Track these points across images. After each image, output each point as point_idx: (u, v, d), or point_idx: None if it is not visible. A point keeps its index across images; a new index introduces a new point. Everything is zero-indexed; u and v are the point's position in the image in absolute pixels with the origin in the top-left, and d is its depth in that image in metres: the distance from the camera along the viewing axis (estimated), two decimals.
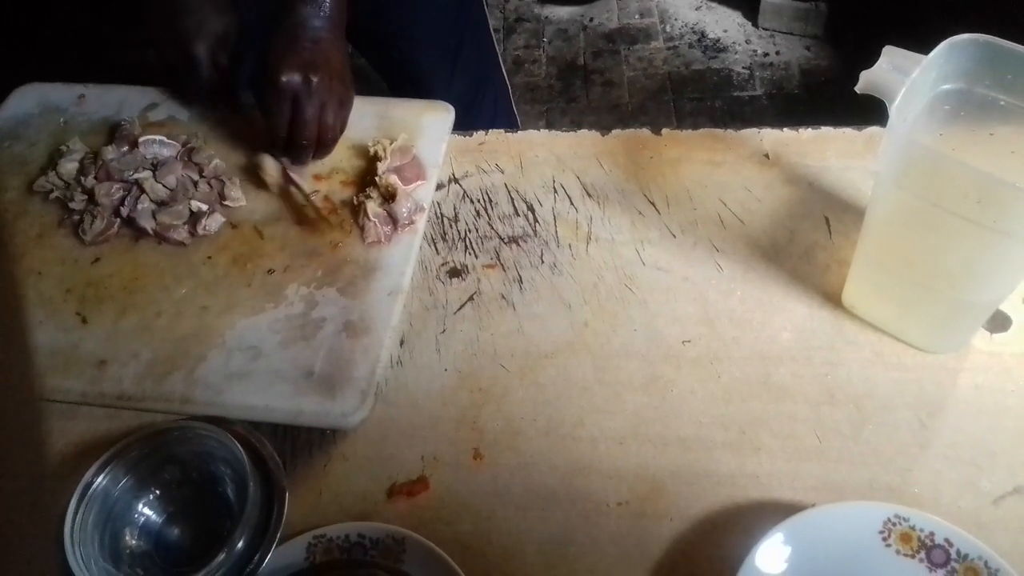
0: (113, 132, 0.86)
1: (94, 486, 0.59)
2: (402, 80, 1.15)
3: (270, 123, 0.78)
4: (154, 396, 0.67)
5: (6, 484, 0.30)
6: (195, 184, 0.81)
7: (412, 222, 0.77)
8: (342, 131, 0.82)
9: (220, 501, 0.62)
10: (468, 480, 0.63)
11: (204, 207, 0.78)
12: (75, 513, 0.57)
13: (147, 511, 0.62)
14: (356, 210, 0.77)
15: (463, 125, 0.87)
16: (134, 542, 0.60)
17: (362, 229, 0.76)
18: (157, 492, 0.62)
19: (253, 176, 0.82)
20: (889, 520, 0.56)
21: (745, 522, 0.59)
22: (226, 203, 0.79)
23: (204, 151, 0.83)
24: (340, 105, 0.80)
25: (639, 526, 0.60)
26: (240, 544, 0.56)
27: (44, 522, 0.36)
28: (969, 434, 0.62)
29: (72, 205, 0.80)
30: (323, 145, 0.80)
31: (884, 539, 0.56)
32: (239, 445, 0.59)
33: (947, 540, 0.55)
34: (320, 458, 0.65)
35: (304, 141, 0.78)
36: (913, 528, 0.56)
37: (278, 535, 0.58)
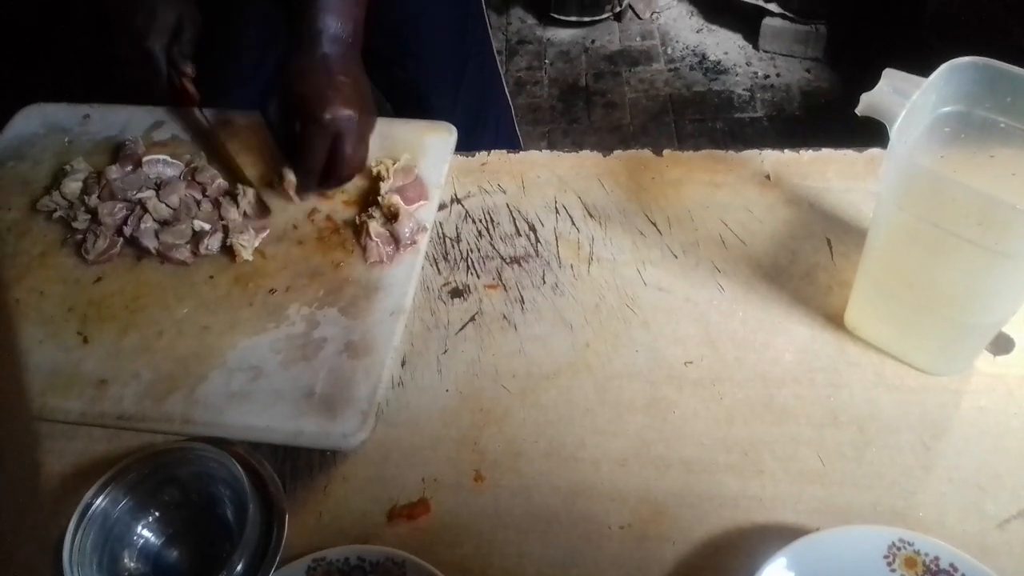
0: (117, 152, 0.87)
1: (93, 507, 0.59)
2: (406, 100, 1.16)
3: (307, 157, 0.77)
4: (154, 416, 0.67)
5: (3, 505, 0.30)
6: (198, 204, 0.81)
7: (414, 242, 0.77)
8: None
9: (219, 523, 0.61)
10: (469, 502, 0.62)
11: (207, 227, 0.78)
12: (74, 534, 0.57)
13: (146, 533, 0.61)
14: (358, 230, 0.77)
15: (466, 146, 0.88)
16: (133, 564, 0.60)
17: (364, 249, 0.76)
18: (156, 514, 0.62)
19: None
20: (894, 544, 0.55)
21: (748, 546, 0.58)
22: (234, 242, 0.78)
23: (208, 171, 0.84)
24: (368, 139, 0.80)
25: (641, 549, 0.59)
26: (239, 567, 0.56)
27: (42, 543, 0.36)
28: (973, 457, 0.62)
29: (75, 224, 0.80)
30: (350, 178, 0.81)
31: (889, 564, 0.55)
32: (239, 466, 0.59)
33: (952, 565, 0.54)
34: (320, 480, 0.64)
35: (338, 174, 0.79)
36: (918, 552, 0.55)
37: (278, 558, 0.58)
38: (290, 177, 0.81)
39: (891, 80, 0.59)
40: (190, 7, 0.86)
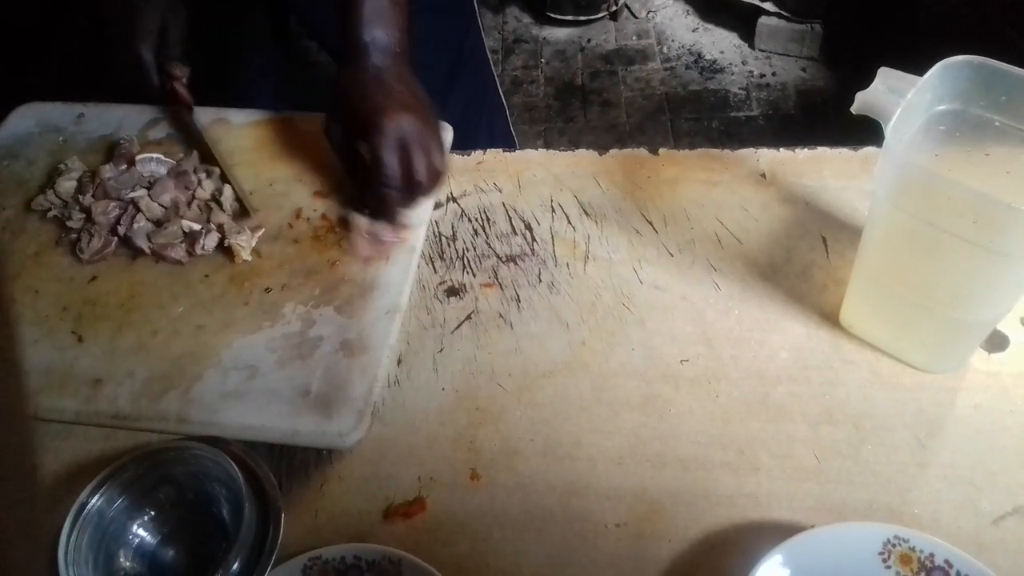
0: (112, 150, 0.87)
1: (88, 507, 0.58)
2: None
3: (381, 172, 0.72)
4: (150, 416, 0.67)
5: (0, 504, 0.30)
6: (188, 204, 0.81)
7: (402, 239, 0.76)
8: (445, 165, 0.77)
9: (215, 522, 0.61)
10: (465, 501, 0.62)
11: (196, 227, 0.78)
12: (69, 534, 0.57)
13: (141, 532, 0.61)
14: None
15: (461, 146, 0.87)
16: (128, 564, 0.60)
17: (352, 245, 0.76)
18: (152, 513, 0.62)
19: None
20: (889, 541, 0.56)
21: (744, 543, 0.58)
22: (232, 243, 0.77)
23: (191, 172, 0.83)
24: (439, 144, 0.76)
25: (637, 547, 0.59)
26: (235, 566, 0.56)
27: (37, 543, 0.35)
28: (968, 454, 0.62)
29: (70, 223, 0.80)
30: (429, 188, 0.75)
31: (884, 560, 0.55)
32: (235, 465, 0.59)
33: (947, 561, 0.55)
34: (316, 478, 0.64)
35: (419, 181, 0.74)
36: (913, 549, 0.55)
37: (273, 557, 0.58)
38: (359, 223, 0.76)
39: (886, 79, 0.59)
40: (174, 7, 0.85)
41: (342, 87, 0.76)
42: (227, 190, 0.81)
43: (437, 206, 0.82)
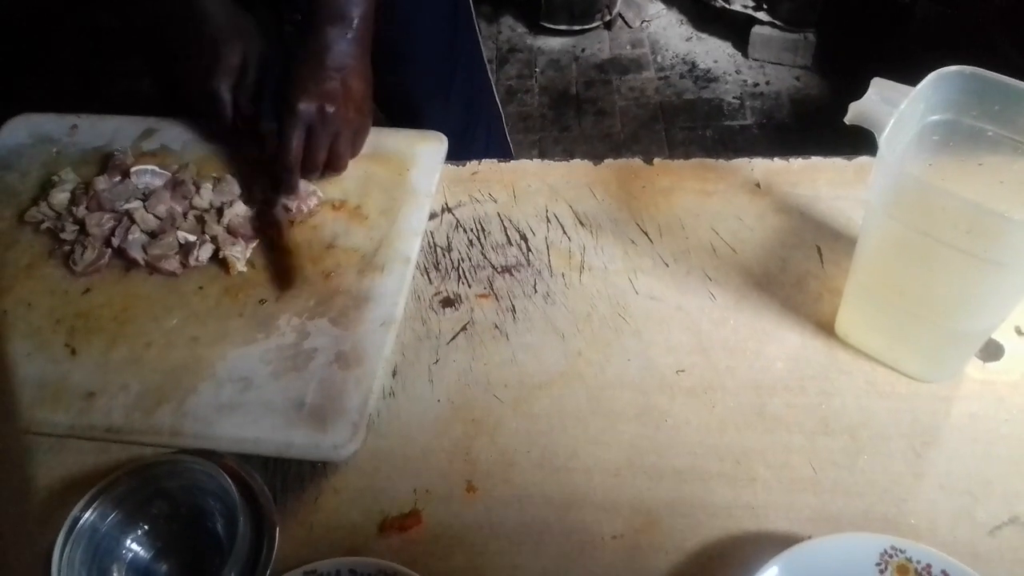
0: (105, 162, 0.86)
1: (81, 521, 0.58)
2: (397, 107, 1.16)
3: (280, 150, 0.78)
4: (143, 429, 0.66)
5: None
6: (184, 215, 0.81)
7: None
8: (354, 156, 0.84)
9: (209, 536, 0.61)
10: (461, 513, 0.62)
11: (192, 238, 0.78)
12: (62, 549, 0.56)
13: (135, 547, 0.61)
14: None
15: (457, 154, 0.88)
16: None
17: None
18: (145, 527, 0.61)
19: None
20: (886, 552, 0.55)
21: (741, 554, 0.58)
22: (227, 254, 0.77)
23: (188, 183, 0.82)
24: (355, 135, 0.82)
25: (634, 559, 0.59)
26: None
27: (31, 558, 0.35)
28: (964, 463, 0.62)
29: (63, 235, 0.80)
30: (331, 171, 0.83)
31: (881, 571, 0.55)
32: (229, 479, 0.58)
33: (944, 572, 0.54)
34: (311, 491, 0.64)
35: (313, 167, 0.80)
36: (910, 560, 0.55)
37: (268, 571, 0.57)
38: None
39: (879, 89, 0.59)
40: (256, 46, 0.85)
41: (294, 58, 0.79)
42: (238, 204, 0.81)
43: (432, 217, 0.82)
